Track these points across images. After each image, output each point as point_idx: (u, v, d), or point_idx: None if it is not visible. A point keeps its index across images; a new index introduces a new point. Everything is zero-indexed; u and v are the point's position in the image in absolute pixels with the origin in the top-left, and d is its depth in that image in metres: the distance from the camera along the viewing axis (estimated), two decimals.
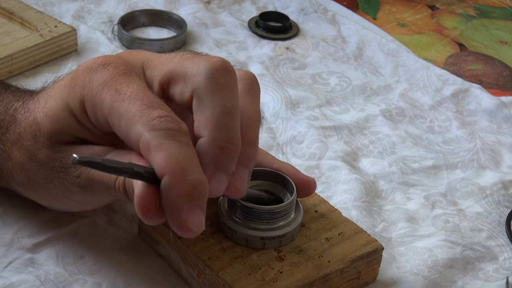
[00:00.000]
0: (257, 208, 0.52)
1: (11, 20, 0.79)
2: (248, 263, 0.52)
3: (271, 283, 0.51)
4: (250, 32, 0.87)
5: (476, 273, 0.59)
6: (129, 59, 0.51)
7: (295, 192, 0.54)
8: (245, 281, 0.51)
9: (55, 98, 0.52)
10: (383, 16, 0.95)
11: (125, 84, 0.48)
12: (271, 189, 0.56)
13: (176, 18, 0.85)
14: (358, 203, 0.64)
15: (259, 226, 0.53)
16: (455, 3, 1.00)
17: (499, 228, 0.63)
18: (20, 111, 0.54)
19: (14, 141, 0.53)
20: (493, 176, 0.69)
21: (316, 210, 0.57)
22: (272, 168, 0.55)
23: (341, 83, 0.80)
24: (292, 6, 0.93)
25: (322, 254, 0.53)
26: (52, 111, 0.51)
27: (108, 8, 0.87)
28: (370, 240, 0.55)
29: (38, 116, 0.52)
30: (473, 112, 0.78)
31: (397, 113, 0.76)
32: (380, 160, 0.70)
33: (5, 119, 0.54)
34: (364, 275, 0.55)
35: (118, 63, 0.50)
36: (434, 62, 0.86)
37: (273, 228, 0.53)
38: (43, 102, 0.53)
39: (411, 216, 0.63)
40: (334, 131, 0.72)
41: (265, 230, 0.53)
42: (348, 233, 0.55)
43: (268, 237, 0.53)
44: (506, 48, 0.91)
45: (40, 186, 0.53)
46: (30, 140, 0.52)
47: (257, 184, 0.56)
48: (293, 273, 0.52)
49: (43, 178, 0.52)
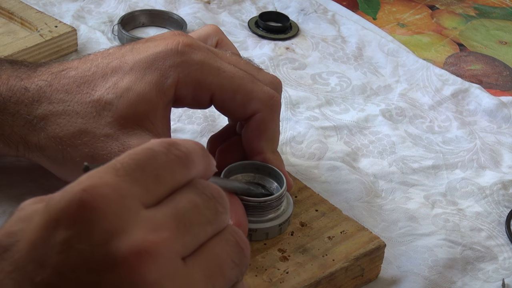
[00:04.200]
0: (246, 200, 0.53)
1: (11, 20, 0.79)
2: (253, 264, 0.52)
3: (278, 283, 0.51)
4: (250, 32, 0.87)
5: (476, 273, 0.59)
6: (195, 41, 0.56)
7: (285, 185, 0.54)
8: (252, 283, 0.51)
9: (133, 80, 0.53)
10: (383, 16, 0.95)
11: (220, 62, 0.54)
12: (261, 181, 0.56)
13: (176, 18, 0.85)
14: (358, 203, 0.64)
15: (249, 218, 0.53)
16: (455, 3, 1.00)
17: (499, 228, 0.64)
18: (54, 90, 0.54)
19: (53, 115, 0.53)
20: (493, 176, 0.69)
21: (316, 209, 0.57)
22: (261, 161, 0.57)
23: (341, 83, 0.80)
24: (292, 6, 0.93)
25: (326, 253, 0.54)
26: (132, 93, 0.53)
27: (108, 8, 0.87)
28: (372, 238, 0.55)
29: (106, 97, 0.53)
30: (473, 112, 0.78)
31: (397, 113, 0.76)
32: (380, 160, 0.70)
33: (33, 95, 0.54)
34: (367, 272, 0.55)
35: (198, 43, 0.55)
36: (434, 62, 0.86)
37: (262, 220, 0.53)
38: (109, 83, 0.53)
39: (411, 215, 0.63)
40: (334, 131, 0.72)
41: (255, 222, 0.53)
42: (350, 231, 0.56)
43: (255, 229, 0.53)
44: (506, 48, 0.91)
45: (74, 164, 0.53)
46: (86, 118, 0.53)
47: (247, 176, 0.56)
48: (299, 273, 0.52)
49: (84, 158, 0.53)
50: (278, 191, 0.54)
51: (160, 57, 0.54)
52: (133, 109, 0.53)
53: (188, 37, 0.56)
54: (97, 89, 0.54)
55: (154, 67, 0.53)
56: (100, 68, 0.55)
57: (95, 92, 0.53)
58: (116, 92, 0.53)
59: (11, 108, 0.54)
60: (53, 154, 0.54)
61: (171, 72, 0.53)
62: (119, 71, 0.54)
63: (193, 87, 0.54)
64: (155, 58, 0.54)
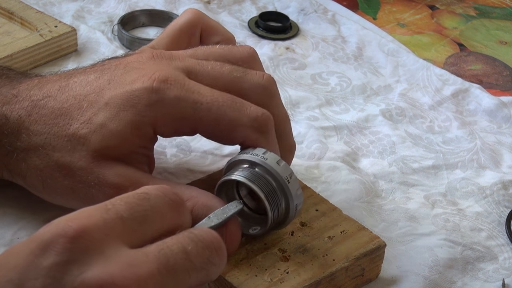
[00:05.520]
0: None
1: (11, 20, 0.79)
2: (253, 264, 0.52)
3: (279, 283, 0.51)
4: (250, 32, 0.87)
5: (476, 273, 0.59)
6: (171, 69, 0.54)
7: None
8: (252, 283, 0.51)
9: (107, 116, 0.53)
10: (383, 16, 0.95)
11: (196, 94, 0.53)
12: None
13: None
14: (358, 203, 0.64)
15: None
16: (455, 3, 1.00)
17: (499, 228, 0.64)
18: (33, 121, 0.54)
19: (31, 148, 0.54)
20: (493, 176, 0.69)
21: (316, 209, 0.57)
22: None
23: (341, 83, 0.80)
24: (292, 6, 0.93)
25: (327, 252, 0.54)
26: (106, 130, 0.52)
27: (108, 8, 0.87)
28: (373, 237, 0.55)
29: (81, 131, 0.53)
30: (473, 112, 0.78)
31: (397, 113, 0.76)
32: (380, 160, 0.70)
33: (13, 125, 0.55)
34: (367, 272, 0.55)
35: (175, 76, 0.53)
36: (434, 62, 0.86)
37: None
38: (84, 117, 0.53)
39: (411, 215, 0.63)
40: (334, 131, 0.72)
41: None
42: (351, 231, 0.56)
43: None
44: (506, 48, 0.91)
45: (56, 193, 0.54)
46: (62, 152, 0.53)
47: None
48: (300, 273, 0.52)
49: (63, 189, 0.53)
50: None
51: (136, 95, 0.53)
52: (106, 143, 0.53)
53: (167, 67, 0.55)
54: (73, 123, 0.54)
55: (130, 105, 0.53)
56: (77, 100, 0.54)
57: (70, 126, 0.53)
58: (90, 127, 0.53)
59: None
60: (35, 183, 0.55)
61: (147, 111, 0.52)
62: (94, 105, 0.54)
63: (172, 124, 0.53)
64: (130, 95, 0.53)
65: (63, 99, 0.55)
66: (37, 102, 0.55)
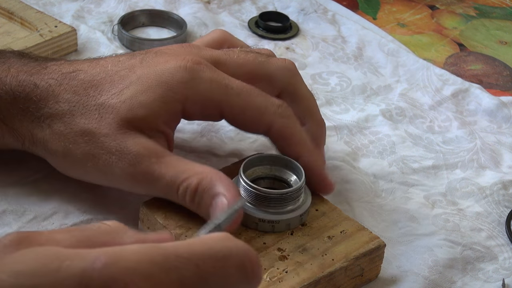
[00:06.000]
0: (267, 192, 0.54)
1: (11, 20, 0.79)
2: None
3: (277, 283, 0.51)
4: (250, 32, 0.87)
5: (476, 273, 0.59)
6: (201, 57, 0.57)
7: (303, 177, 0.55)
8: None
9: (138, 90, 0.55)
10: (383, 16, 0.95)
11: (227, 79, 0.56)
12: (279, 173, 0.57)
13: (176, 18, 0.85)
14: (358, 203, 0.64)
15: (270, 210, 0.54)
16: (455, 3, 1.00)
17: (499, 228, 0.64)
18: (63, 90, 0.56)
19: (58, 114, 0.55)
20: (493, 176, 0.69)
21: (316, 208, 0.57)
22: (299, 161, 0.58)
23: (341, 83, 0.80)
24: (292, 6, 0.93)
25: (326, 252, 0.54)
26: (135, 100, 0.54)
27: (108, 8, 0.87)
28: (372, 237, 0.55)
29: (110, 101, 0.55)
30: (473, 112, 0.78)
31: (397, 113, 0.76)
32: (380, 160, 0.70)
33: (41, 92, 0.56)
34: (367, 272, 0.55)
35: (205, 62, 0.57)
36: (434, 62, 0.86)
37: (283, 211, 0.54)
38: (115, 89, 0.55)
39: (411, 215, 0.63)
40: (334, 131, 0.72)
41: (276, 214, 0.54)
42: (350, 230, 0.56)
43: (277, 221, 0.54)
44: (506, 48, 0.91)
45: (76, 160, 0.55)
46: (89, 119, 0.55)
47: (264, 168, 0.57)
48: (298, 272, 0.52)
49: (84, 155, 0.55)
50: (297, 184, 0.55)
51: (169, 72, 0.55)
52: (134, 113, 0.54)
53: (197, 54, 0.57)
54: (103, 94, 0.56)
55: (162, 81, 0.55)
56: (109, 74, 0.57)
57: (100, 97, 0.55)
58: (120, 98, 0.55)
59: (20, 103, 0.56)
60: (56, 149, 0.56)
61: (180, 88, 0.55)
62: (126, 80, 0.56)
63: (201, 104, 0.56)
64: (163, 73, 0.55)
65: (94, 73, 0.57)
66: (67, 74, 0.57)
